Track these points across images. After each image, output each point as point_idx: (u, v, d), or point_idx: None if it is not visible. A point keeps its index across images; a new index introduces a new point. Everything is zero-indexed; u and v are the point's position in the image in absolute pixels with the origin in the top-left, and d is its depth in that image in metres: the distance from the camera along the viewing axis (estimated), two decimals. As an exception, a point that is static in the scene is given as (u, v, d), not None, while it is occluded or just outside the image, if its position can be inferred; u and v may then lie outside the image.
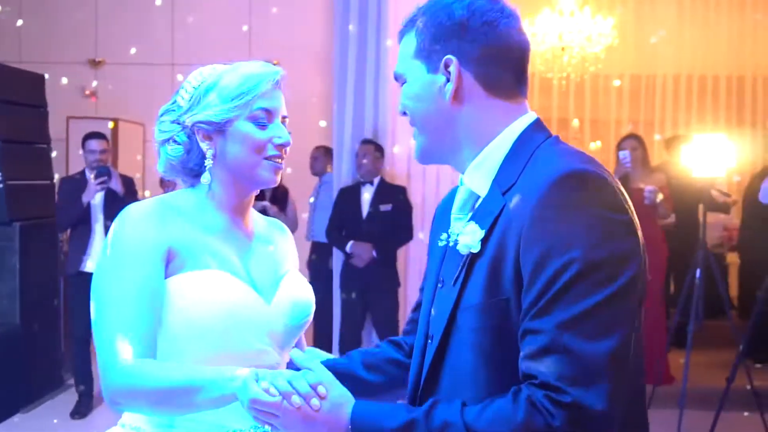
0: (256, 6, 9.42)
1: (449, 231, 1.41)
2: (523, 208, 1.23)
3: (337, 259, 5.54)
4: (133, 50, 8.93)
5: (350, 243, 5.17)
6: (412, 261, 5.54)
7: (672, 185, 5.50)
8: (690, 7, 8.42)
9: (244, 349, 1.55)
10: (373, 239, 5.13)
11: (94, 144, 5.13)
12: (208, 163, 1.58)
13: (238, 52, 9.27)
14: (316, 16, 9.56)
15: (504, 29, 1.32)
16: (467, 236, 1.34)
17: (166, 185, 7.88)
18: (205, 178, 1.59)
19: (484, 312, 1.28)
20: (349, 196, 5.29)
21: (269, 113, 1.58)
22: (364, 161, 5.15)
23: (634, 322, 1.21)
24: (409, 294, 5.50)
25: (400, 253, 5.38)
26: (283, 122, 1.62)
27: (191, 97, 1.59)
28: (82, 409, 5.12)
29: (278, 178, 1.61)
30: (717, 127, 8.37)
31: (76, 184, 5.12)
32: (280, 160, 1.60)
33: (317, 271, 6.31)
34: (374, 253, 5.10)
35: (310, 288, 1.72)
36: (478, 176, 1.36)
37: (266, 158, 1.58)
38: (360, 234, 5.16)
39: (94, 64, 9.38)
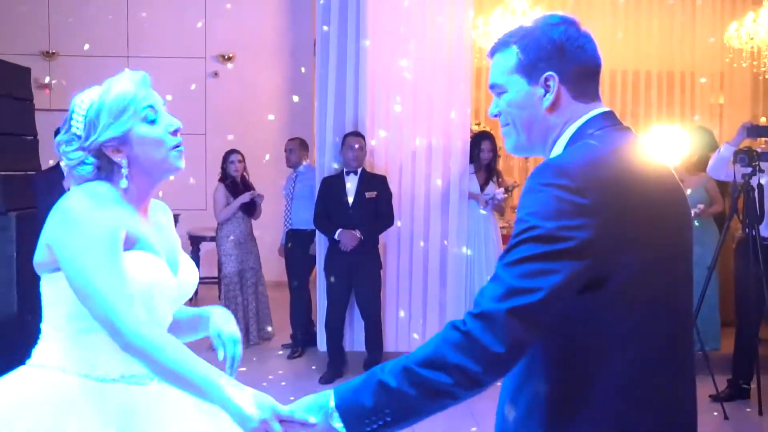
0: (210, 0, 9.59)
1: None
2: None
3: (321, 243, 5.89)
4: (86, 46, 8.96)
5: (339, 231, 5.53)
6: (391, 246, 5.96)
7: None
8: (623, 8, 9.09)
9: (158, 313, 1.91)
10: (359, 224, 5.52)
11: None
12: (125, 171, 1.86)
13: (193, 46, 9.46)
14: (269, 11, 9.80)
15: (590, 51, 1.65)
16: None
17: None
18: (123, 183, 1.86)
19: None
20: (333, 184, 5.65)
21: (153, 108, 1.87)
22: (359, 152, 5.52)
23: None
24: (389, 275, 5.92)
25: (380, 238, 5.78)
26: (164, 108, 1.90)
27: (85, 125, 1.85)
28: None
29: (183, 162, 1.90)
30: (649, 121, 9.09)
31: (52, 178, 5.08)
32: (181, 146, 1.89)
33: (293, 257, 6.64)
34: (359, 234, 5.49)
35: (195, 267, 2.09)
36: None
37: (171, 149, 1.87)
38: (347, 219, 5.54)
39: (48, 56, 9.39)
